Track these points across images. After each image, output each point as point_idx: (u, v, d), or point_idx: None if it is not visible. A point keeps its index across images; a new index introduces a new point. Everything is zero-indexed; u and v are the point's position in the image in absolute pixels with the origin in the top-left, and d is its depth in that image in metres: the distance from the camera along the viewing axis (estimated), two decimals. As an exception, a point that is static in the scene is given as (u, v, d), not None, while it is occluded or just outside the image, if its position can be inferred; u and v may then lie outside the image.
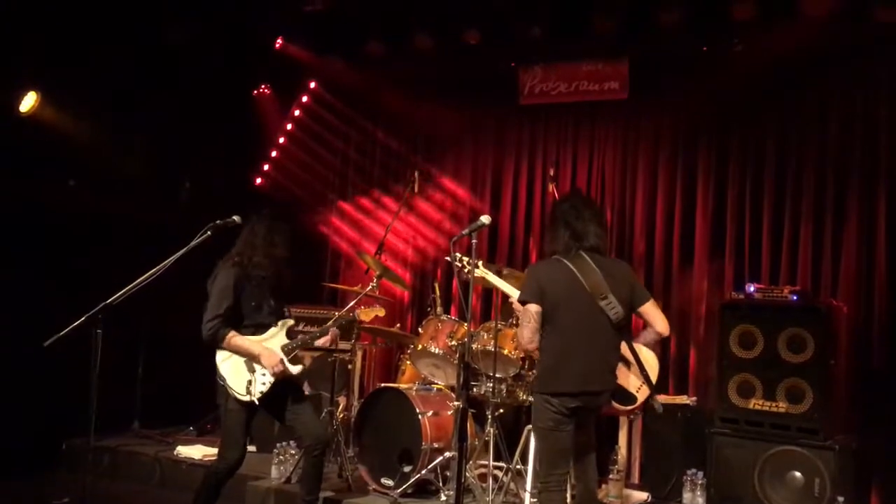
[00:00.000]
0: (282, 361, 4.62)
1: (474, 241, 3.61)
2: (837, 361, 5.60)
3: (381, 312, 5.37)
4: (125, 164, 7.15)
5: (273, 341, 4.68)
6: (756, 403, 5.49)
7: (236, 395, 4.54)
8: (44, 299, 5.95)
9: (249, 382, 4.56)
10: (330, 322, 5.05)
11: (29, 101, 6.56)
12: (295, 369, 4.69)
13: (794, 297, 5.54)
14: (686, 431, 5.83)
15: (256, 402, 4.56)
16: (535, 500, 4.51)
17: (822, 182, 6.35)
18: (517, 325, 5.70)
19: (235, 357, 4.60)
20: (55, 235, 6.54)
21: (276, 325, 4.73)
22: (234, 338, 4.58)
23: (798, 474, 5.23)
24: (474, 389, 5.56)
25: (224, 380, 4.58)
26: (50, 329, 3.81)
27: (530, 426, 5.35)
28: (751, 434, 5.45)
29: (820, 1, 5.94)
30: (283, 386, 4.67)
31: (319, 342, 4.95)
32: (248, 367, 4.60)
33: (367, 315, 5.23)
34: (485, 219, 3.62)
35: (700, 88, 6.57)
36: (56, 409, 5.87)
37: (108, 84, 6.76)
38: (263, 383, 4.58)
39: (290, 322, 4.78)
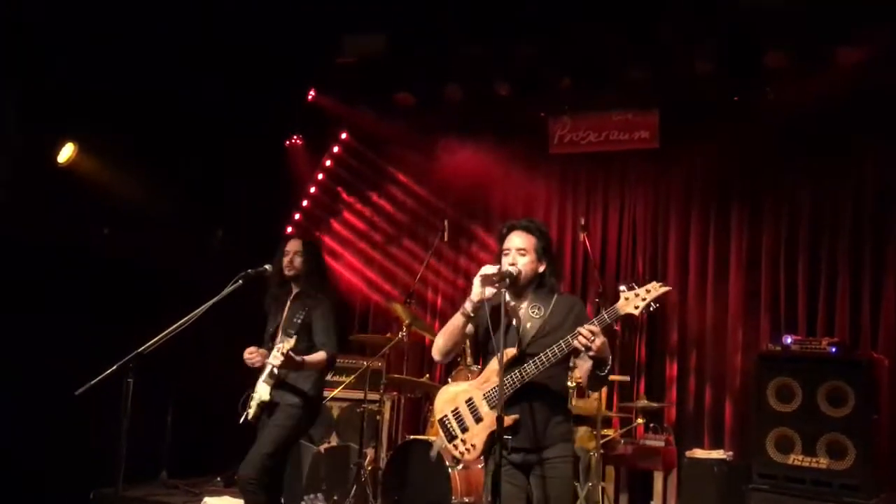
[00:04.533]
0: (262, 358, 4.42)
1: (504, 290, 3.55)
2: (880, 416, 5.44)
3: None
4: (159, 214, 7.23)
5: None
6: (796, 459, 5.33)
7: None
8: (76, 347, 5.97)
9: (249, 398, 4.54)
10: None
11: (66, 152, 6.68)
12: (257, 396, 4.49)
13: (833, 349, 5.41)
14: (723, 487, 5.67)
15: (249, 419, 4.51)
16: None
17: (860, 231, 6.26)
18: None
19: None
20: (88, 283, 6.60)
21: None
22: None
23: (841, 533, 5.05)
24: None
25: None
26: (82, 377, 3.80)
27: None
28: (791, 491, 5.29)
29: (853, 50, 5.92)
30: (269, 413, 4.51)
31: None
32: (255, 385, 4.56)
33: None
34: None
35: (732, 137, 6.55)
36: (85, 458, 5.85)
37: (142, 134, 6.87)
38: (250, 406, 4.53)
39: (288, 344, 4.27)
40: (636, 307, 3.23)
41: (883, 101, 6.08)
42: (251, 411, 4.51)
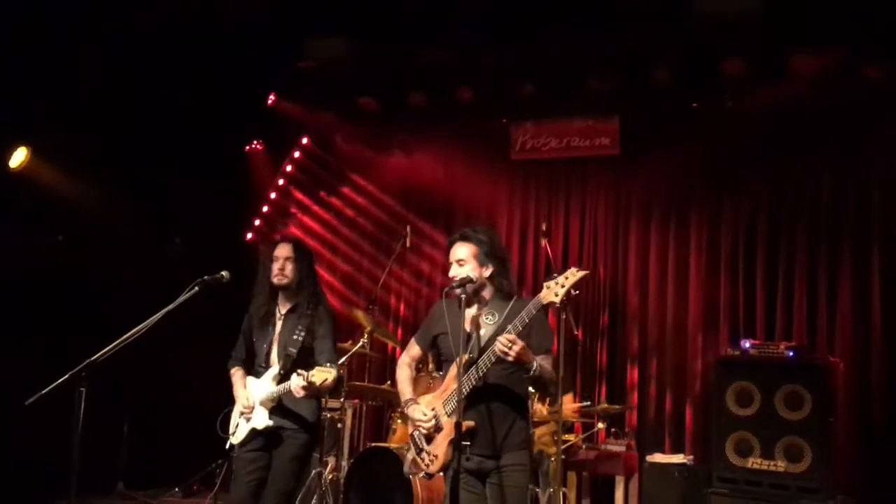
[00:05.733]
0: (249, 408, 4.18)
1: (463, 296, 3.56)
2: (836, 419, 5.52)
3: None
4: (115, 220, 7.11)
5: (261, 385, 4.23)
6: (754, 462, 5.39)
7: (228, 433, 4.28)
8: (28, 356, 5.85)
9: (237, 425, 4.26)
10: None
11: (19, 157, 6.55)
12: (254, 421, 4.17)
13: (791, 353, 5.49)
14: (683, 491, 5.72)
15: (233, 444, 4.24)
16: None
17: (816, 237, 6.36)
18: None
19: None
20: (41, 291, 6.47)
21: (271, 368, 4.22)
22: (233, 375, 4.34)
23: (799, 535, 5.11)
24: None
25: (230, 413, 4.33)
26: (33, 387, 3.70)
27: (530, 486, 5.23)
28: (750, 494, 5.35)
29: (809, 59, 6.02)
30: (266, 440, 4.19)
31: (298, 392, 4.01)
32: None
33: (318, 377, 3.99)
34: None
35: (692, 144, 6.61)
36: (37, 470, 5.71)
37: (98, 139, 6.76)
38: (236, 434, 4.25)
39: (325, 374, 3.91)
40: (556, 295, 3.30)
41: (838, 110, 6.20)
42: (240, 436, 4.18)
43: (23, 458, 5.98)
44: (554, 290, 3.30)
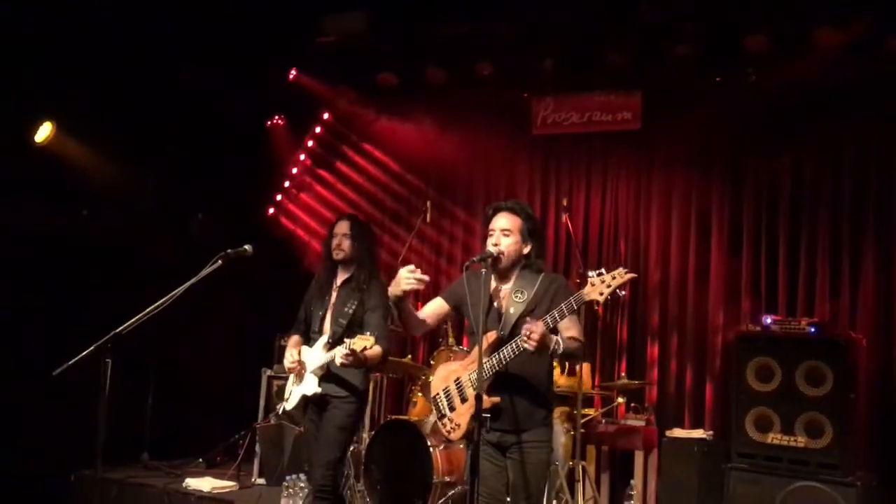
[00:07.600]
0: (295, 363, 4.37)
1: (484, 270, 3.58)
2: (857, 395, 5.49)
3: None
4: (138, 195, 7.17)
5: (313, 353, 4.43)
6: (774, 438, 5.39)
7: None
8: (53, 329, 5.93)
9: (290, 392, 4.48)
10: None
11: (44, 132, 6.60)
12: (304, 388, 4.36)
13: (812, 330, 5.46)
14: (702, 466, 5.72)
15: (286, 409, 4.50)
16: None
17: (839, 212, 6.30)
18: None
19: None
20: (66, 265, 6.54)
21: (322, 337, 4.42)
22: (289, 342, 4.55)
23: (818, 511, 5.11)
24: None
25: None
26: (59, 358, 3.77)
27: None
28: (769, 469, 5.34)
29: (833, 33, 5.93)
30: (317, 407, 4.39)
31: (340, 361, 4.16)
32: (296, 378, 4.48)
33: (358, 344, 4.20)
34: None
35: (714, 119, 6.54)
36: (64, 440, 5.82)
37: (121, 115, 6.79)
38: (289, 400, 4.48)
39: (364, 342, 4.04)
40: (601, 293, 3.28)
41: (863, 85, 6.10)
42: (293, 402, 4.42)
43: (49, 428, 6.09)
44: (599, 289, 3.27)
